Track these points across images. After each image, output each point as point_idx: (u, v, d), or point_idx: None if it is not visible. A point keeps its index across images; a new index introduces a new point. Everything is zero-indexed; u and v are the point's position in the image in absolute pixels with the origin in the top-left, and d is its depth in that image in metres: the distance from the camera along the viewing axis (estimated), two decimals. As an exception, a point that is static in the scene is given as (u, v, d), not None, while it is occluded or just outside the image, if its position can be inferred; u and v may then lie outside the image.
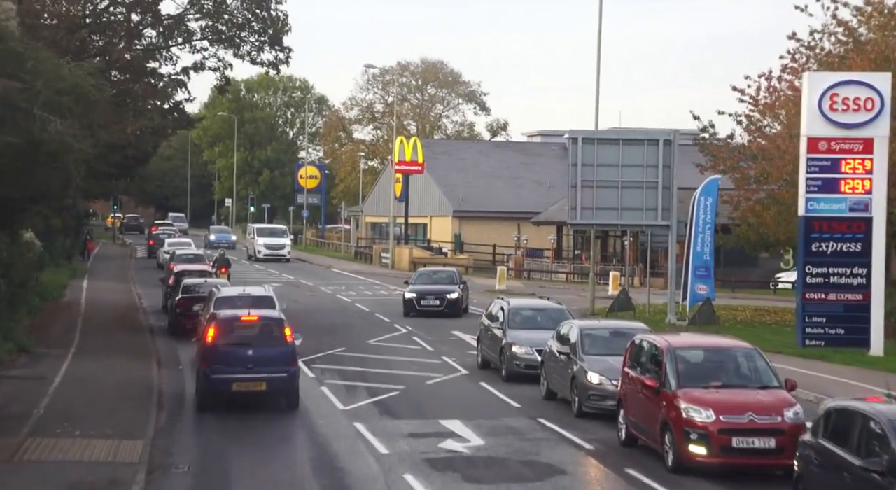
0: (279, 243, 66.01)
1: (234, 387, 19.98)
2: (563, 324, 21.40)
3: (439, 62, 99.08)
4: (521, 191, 71.92)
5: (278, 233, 68.81)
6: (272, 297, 26.49)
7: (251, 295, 25.72)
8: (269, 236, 66.88)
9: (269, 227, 71.38)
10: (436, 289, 35.98)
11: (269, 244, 65.59)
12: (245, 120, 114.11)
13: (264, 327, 20.87)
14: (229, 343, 20.40)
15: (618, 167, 33.85)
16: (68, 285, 44.03)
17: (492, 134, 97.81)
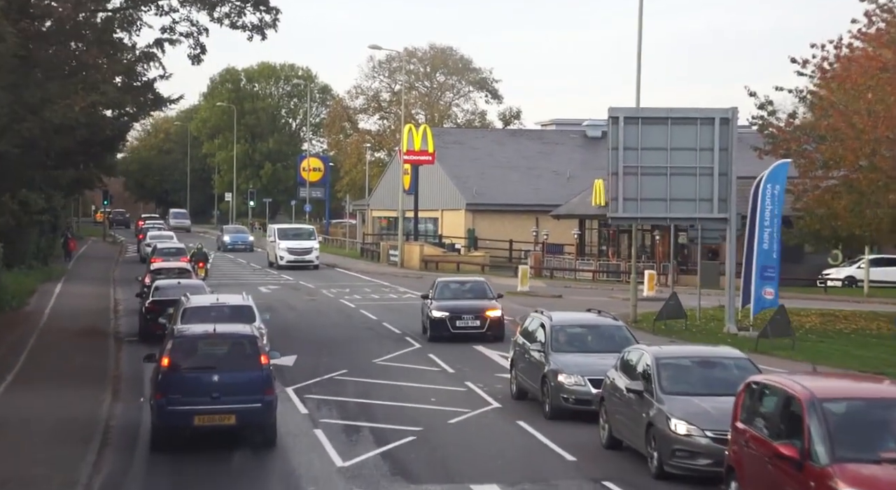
0: (305, 247, 55.07)
1: (196, 421, 16.37)
2: (631, 350, 16.35)
3: (448, 48, 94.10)
4: (539, 182, 66.99)
5: (304, 234, 56.73)
6: (251, 306, 22.73)
7: (227, 304, 22.55)
8: (294, 239, 55.53)
9: (292, 228, 58.90)
10: (472, 305, 28.10)
11: (293, 248, 54.60)
12: (245, 111, 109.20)
13: (234, 347, 17.19)
14: (190, 367, 16.80)
15: (666, 151, 28.85)
16: (37, 290, 39.18)
17: (504, 123, 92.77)
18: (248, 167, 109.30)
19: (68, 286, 42.28)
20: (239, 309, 21.93)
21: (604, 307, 38.98)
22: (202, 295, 24.09)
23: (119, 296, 40.42)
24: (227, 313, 21.49)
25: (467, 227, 64.47)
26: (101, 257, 60.45)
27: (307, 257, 54.70)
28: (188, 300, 22.48)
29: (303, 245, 55.14)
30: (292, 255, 54.31)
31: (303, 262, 54.23)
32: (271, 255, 56.06)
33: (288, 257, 54.23)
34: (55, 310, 33.91)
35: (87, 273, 49.38)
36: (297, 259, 54.25)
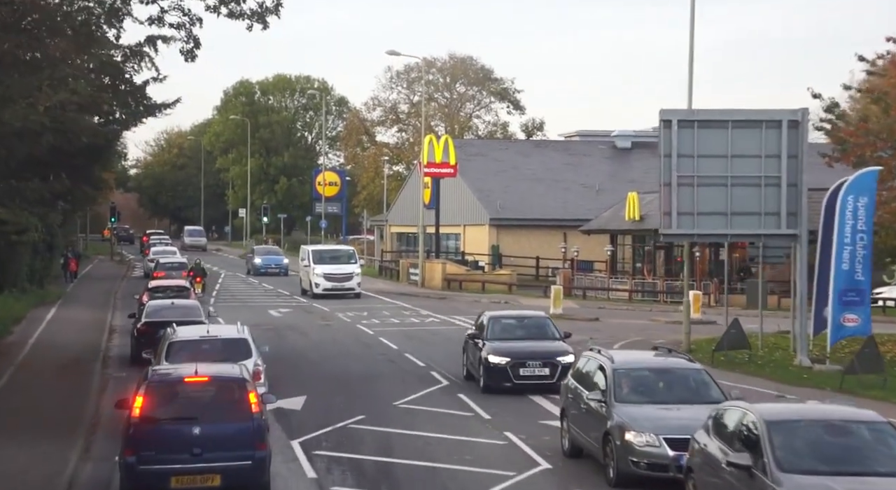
0: (345, 272, 46.52)
1: (174, 482, 13.93)
2: (727, 409, 12.69)
3: (468, 57, 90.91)
4: (567, 195, 63.55)
5: (343, 257, 47.99)
6: (247, 340, 19.56)
7: (218, 337, 19.58)
8: (331, 262, 47.18)
9: (329, 250, 50.04)
10: (538, 348, 22.35)
11: (331, 274, 46.29)
12: (260, 124, 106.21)
13: (220, 392, 14.65)
14: (167, 417, 14.28)
15: (726, 159, 25.40)
16: (25, 317, 35.87)
17: (527, 135, 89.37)
18: (262, 182, 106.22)
19: (63, 311, 38.99)
20: (233, 343, 19.17)
21: (646, 332, 35.77)
22: (191, 326, 21.09)
23: (117, 321, 37.09)
24: (219, 348, 18.86)
25: (491, 243, 61.09)
26: (106, 277, 57.23)
27: (347, 284, 46.30)
28: (174, 333, 19.62)
29: (342, 270, 46.67)
30: (330, 281, 45.99)
31: (342, 291, 45.95)
32: (305, 281, 48.03)
33: (325, 284, 45.91)
34: (41, 340, 30.56)
35: (86, 295, 46.10)
36: (336, 287, 45.91)
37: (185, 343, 18.93)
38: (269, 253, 64.45)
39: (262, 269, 60.74)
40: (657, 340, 31.56)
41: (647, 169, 66.31)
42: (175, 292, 32.21)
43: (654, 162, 67.18)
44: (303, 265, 48.97)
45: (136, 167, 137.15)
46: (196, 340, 19.14)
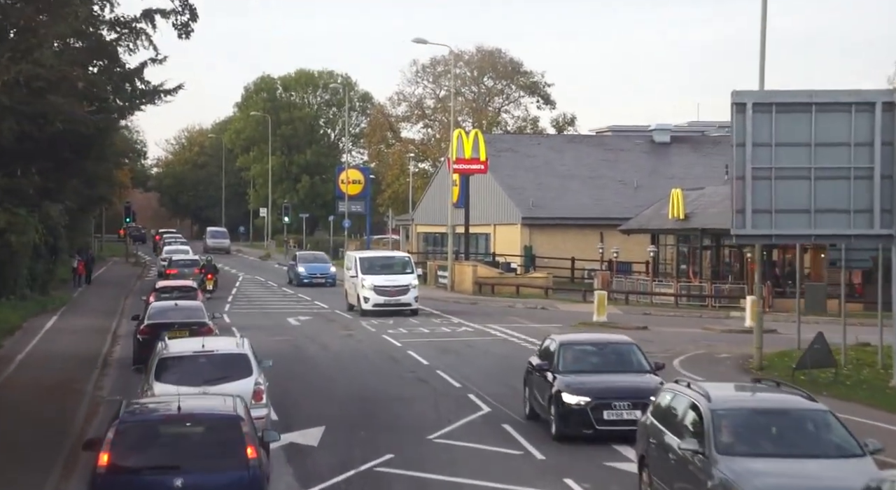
0: (400, 284, 38.99)
1: None
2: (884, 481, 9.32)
3: (497, 50, 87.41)
4: (603, 193, 60.18)
5: (396, 266, 40.29)
6: (246, 355, 16.94)
7: (215, 352, 17.02)
8: (383, 272, 39.41)
9: (380, 258, 41.71)
10: (626, 385, 17.55)
11: (383, 286, 38.78)
12: (281, 121, 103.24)
13: (209, 435, 12.10)
14: (141, 466, 11.81)
15: (809, 147, 21.98)
16: (21, 327, 32.83)
17: (558, 130, 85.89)
18: (284, 181, 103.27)
19: (64, 320, 35.93)
20: (230, 359, 16.76)
21: (704, 343, 32.28)
22: (184, 340, 18.73)
23: (122, 331, 34.03)
24: (215, 364, 16.59)
25: (523, 243, 57.78)
26: (118, 280, 54.23)
27: (403, 298, 38.74)
28: (165, 347, 17.13)
29: (396, 281, 38.92)
30: (382, 295, 38.59)
31: (397, 306, 38.57)
32: (351, 294, 40.44)
33: (376, 299, 38.53)
34: (32, 355, 27.47)
35: (93, 301, 43.06)
36: (390, 301, 38.59)
37: (177, 359, 16.60)
38: (315, 260, 55.81)
39: (305, 279, 52.67)
40: (721, 354, 28.20)
41: (687, 164, 62.91)
42: (182, 293, 31.49)
43: (694, 157, 64.66)
44: (349, 275, 40.68)
45: (157, 166, 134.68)
46: (189, 356, 16.73)
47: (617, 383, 17.49)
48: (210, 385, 15.55)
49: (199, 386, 15.48)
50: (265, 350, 28.16)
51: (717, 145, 64.64)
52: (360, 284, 38.96)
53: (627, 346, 18.88)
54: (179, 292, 31.69)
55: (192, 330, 24.06)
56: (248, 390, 15.61)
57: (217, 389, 15.31)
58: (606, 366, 18.20)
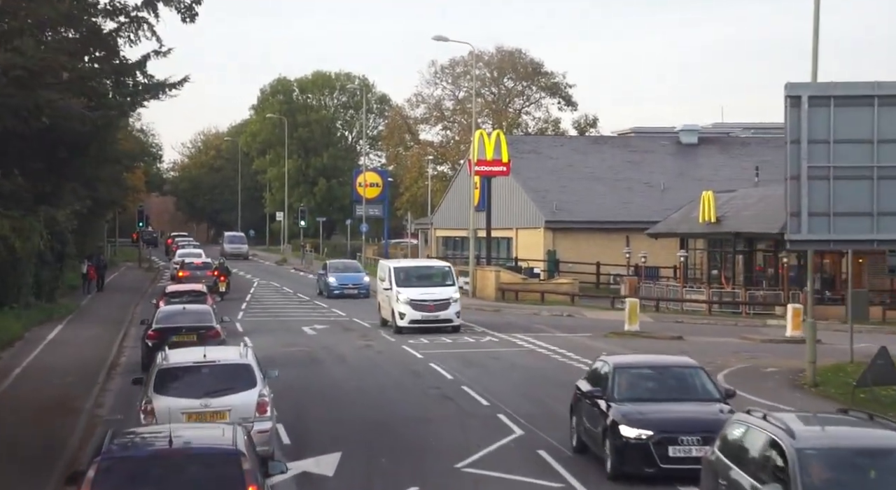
0: (440, 297, 34.22)
1: None
2: None
3: (517, 51, 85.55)
4: (629, 195, 58.33)
5: (435, 276, 35.62)
6: (250, 365, 16.12)
7: (217, 363, 16.20)
8: (420, 284, 34.69)
9: (416, 267, 37.11)
10: (693, 415, 15.09)
11: (420, 300, 33.98)
12: (298, 123, 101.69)
13: (204, 472, 10.50)
14: None
15: (871, 145, 20.11)
16: (23, 337, 31.20)
17: (580, 132, 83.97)
18: (300, 184, 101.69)
19: (69, 330, 34.29)
20: (233, 370, 16.00)
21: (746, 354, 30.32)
22: (185, 350, 17.69)
23: (129, 342, 32.40)
24: (217, 375, 15.87)
25: (547, 248, 55.96)
26: (129, 287, 52.62)
27: (443, 314, 33.99)
28: (165, 358, 16.33)
29: (435, 295, 34.18)
30: (420, 310, 33.86)
31: (437, 323, 33.88)
32: (385, 309, 35.75)
33: (412, 314, 33.86)
34: (30, 369, 25.80)
35: (101, 309, 41.44)
36: (429, 317, 33.84)
37: (178, 370, 15.83)
38: (346, 269, 50.29)
39: (336, 290, 47.52)
40: (767, 367, 26.30)
41: (716, 166, 61.00)
42: (192, 297, 31.56)
43: (723, 159, 62.65)
44: (382, 287, 35.94)
45: (173, 170, 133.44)
46: (190, 367, 15.96)
47: (683, 414, 14.99)
48: (212, 397, 15.10)
49: (201, 398, 15.06)
50: (278, 362, 26.49)
51: (745, 146, 62.73)
52: (394, 298, 34.25)
53: (692, 370, 16.24)
54: (189, 296, 31.60)
55: (200, 334, 24.16)
56: (251, 402, 15.19)
57: (219, 401, 14.97)
58: (669, 393, 15.65)
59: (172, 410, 14.78)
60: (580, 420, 16.57)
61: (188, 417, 14.84)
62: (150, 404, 15.05)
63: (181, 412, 14.87)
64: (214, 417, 14.92)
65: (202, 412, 14.98)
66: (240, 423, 11.82)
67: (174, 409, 14.87)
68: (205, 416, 14.93)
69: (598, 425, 15.55)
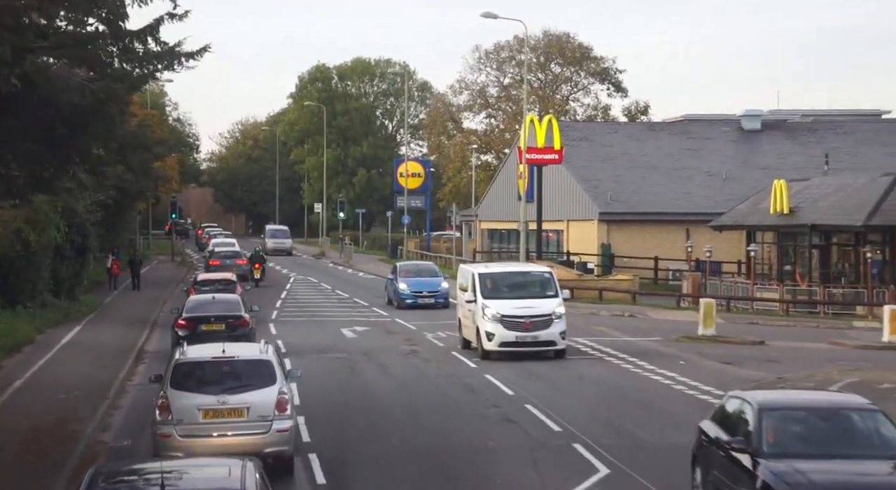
0: (540, 312, 26.29)
1: None
2: None
3: (564, 35, 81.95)
4: (688, 185, 54.74)
5: (533, 286, 27.43)
6: (270, 362, 15.37)
7: (236, 359, 15.43)
8: (513, 295, 26.85)
9: (508, 273, 28.54)
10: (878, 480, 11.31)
11: (513, 316, 26.15)
12: (337, 112, 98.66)
13: None
14: None
15: None
16: (34, 341, 28.24)
17: (630, 120, 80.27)
18: (339, 174, 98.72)
19: (86, 332, 31.32)
20: (252, 365, 15.29)
21: (839, 362, 26.23)
22: (203, 346, 17.03)
23: (152, 344, 29.44)
24: (236, 371, 15.19)
25: (600, 241, 52.45)
26: (159, 282, 49.70)
27: (543, 334, 26.05)
28: (183, 352, 15.78)
29: (532, 308, 26.16)
30: (513, 329, 25.98)
31: (535, 346, 26.08)
32: (468, 326, 27.48)
33: (503, 334, 25.93)
34: (33, 381, 22.79)
35: (125, 307, 38.49)
36: (524, 338, 25.97)
37: (195, 365, 15.23)
38: (420, 273, 41.08)
39: (409, 300, 38.69)
40: (882, 383, 22.69)
41: (781, 154, 57.22)
42: (222, 285, 32.43)
43: (789, 146, 58.60)
44: (464, 299, 27.66)
45: (210, 160, 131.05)
46: (208, 362, 15.30)
47: (864, 478, 11.18)
48: (230, 394, 14.66)
49: (218, 395, 14.65)
50: (313, 373, 23.47)
51: (813, 133, 58.85)
52: (479, 313, 26.19)
53: (867, 414, 12.19)
54: (220, 285, 32.57)
55: (229, 323, 25.04)
56: (270, 399, 14.67)
57: (237, 398, 14.59)
58: (838, 445, 11.70)
59: (189, 407, 14.50)
60: (709, 475, 12.86)
61: (204, 414, 14.46)
62: (165, 400, 14.65)
63: (197, 408, 14.51)
64: (232, 414, 14.50)
65: (219, 409, 14.52)
66: (251, 459, 9.74)
67: (190, 405, 14.53)
68: (222, 413, 14.50)
69: (739, 485, 11.88)
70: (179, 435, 14.33)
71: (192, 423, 14.41)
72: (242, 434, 14.38)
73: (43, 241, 32.41)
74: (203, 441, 14.26)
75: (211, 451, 13.82)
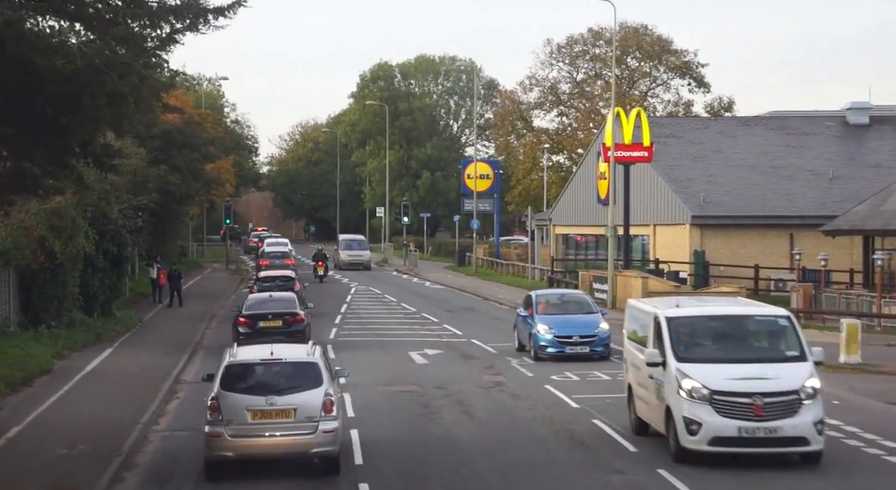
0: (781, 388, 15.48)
1: None
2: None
3: (642, 27, 76.76)
4: (790, 185, 49.51)
5: (759, 338, 16.82)
6: (317, 364, 15.36)
7: (283, 360, 15.46)
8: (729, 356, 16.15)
9: (718, 318, 17.04)
10: None
11: (736, 395, 15.44)
12: (400, 111, 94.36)
13: None
14: None
15: None
16: (51, 371, 23.99)
17: (714, 117, 74.82)
18: (402, 177, 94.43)
19: (116, 357, 27.04)
20: (300, 367, 15.39)
21: None
22: (252, 347, 17.30)
23: (190, 373, 25.11)
24: (284, 373, 15.28)
25: (693, 247, 47.35)
26: (207, 294, 45.48)
27: (787, 426, 15.45)
28: (233, 353, 16.03)
29: (767, 379, 15.63)
30: (733, 415, 15.46)
31: (774, 445, 15.53)
32: (650, 401, 17.13)
33: (718, 425, 15.50)
34: (30, 429, 18.38)
35: (166, 326, 34.17)
36: (755, 431, 15.38)
37: (244, 367, 15.49)
38: (567, 307, 28.35)
39: (554, 348, 26.67)
40: None
41: (894, 150, 51.69)
42: (282, 282, 35.10)
43: (904, 141, 53.23)
44: (643, 359, 17.15)
45: (270, 164, 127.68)
46: (257, 364, 15.60)
47: None
48: (278, 395, 15.05)
49: (267, 395, 15.02)
50: (379, 413, 19.12)
51: (928, 127, 53.18)
52: (672, 384, 16.08)
53: None
54: (280, 281, 35.14)
55: (285, 319, 27.19)
56: (317, 401, 15.04)
57: (285, 399, 14.98)
58: None
59: (238, 407, 14.87)
60: None
61: (253, 415, 14.86)
62: (216, 401, 14.98)
63: (246, 409, 14.88)
64: (280, 415, 14.91)
65: (268, 410, 14.91)
66: None
67: (240, 406, 14.89)
68: (270, 414, 14.90)
69: None
70: (229, 435, 14.77)
71: (242, 424, 14.79)
72: (290, 434, 14.83)
73: (70, 250, 28.27)
74: (252, 441, 14.79)
75: (260, 452, 14.80)
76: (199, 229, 73.95)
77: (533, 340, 27.07)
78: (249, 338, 25.56)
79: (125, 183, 33.19)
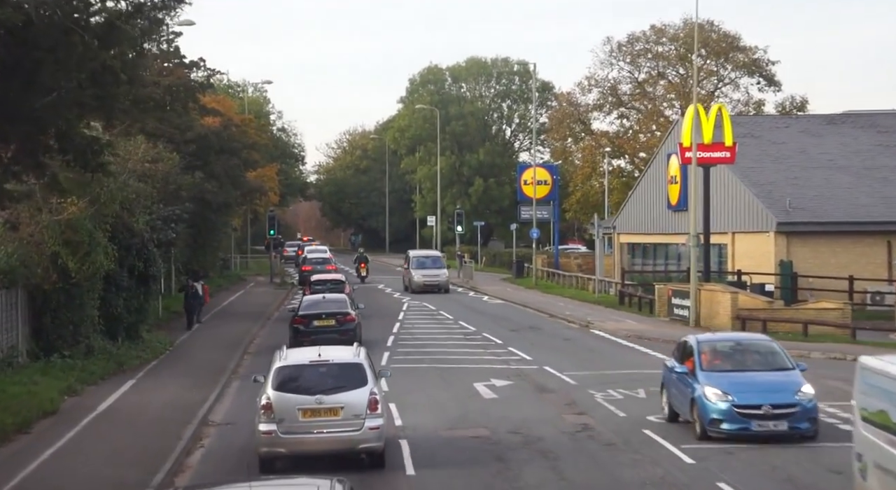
0: None
1: None
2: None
3: (708, 23, 72.35)
4: (887, 188, 45.14)
5: None
6: (362, 364, 16.33)
7: (330, 362, 16.44)
8: None
9: None
10: None
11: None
12: (451, 116, 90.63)
13: None
14: None
15: None
16: (58, 410, 20.36)
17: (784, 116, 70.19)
18: (454, 184, 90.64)
19: (138, 390, 23.39)
20: (346, 368, 16.29)
21: None
22: (301, 350, 18.20)
23: (219, 412, 21.43)
24: (331, 374, 16.19)
25: (779, 257, 43.00)
26: (247, 312, 41.81)
27: None
28: (283, 356, 16.83)
29: None
30: None
31: None
32: None
33: None
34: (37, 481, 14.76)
35: (200, 351, 30.45)
36: None
37: (294, 368, 16.31)
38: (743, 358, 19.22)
39: (734, 424, 17.80)
40: None
41: None
42: (333, 285, 38.46)
43: None
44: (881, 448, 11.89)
45: (317, 173, 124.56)
46: (306, 365, 16.38)
47: None
48: (326, 394, 15.78)
49: (315, 395, 15.75)
50: (445, 465, 15.35)
51: None
52: None
53: None
54: (331, 284, 38.52)
55: (338, 318, 29.45)
56: (363, 399, 15.74)
57: (333, 399, 15.73)
58: None
59: (289, 406, 15.66)
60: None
61: (303, 413, 15.63)
62: (268, 400, 15.70)
63: (297, 408, 15.68)
64: (328, 413, 15.65)
65: (317, 408, 15.66)
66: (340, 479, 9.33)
67: (291, 405, 15.67)
68: (319, 412, 15.62)
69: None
70: (281, 432, 15.58)
71: (293, 422, 15.60)
72: (338, 431, 15.63)
73: (87, 268, 24.73)
74: (302, 437, 15.61)
75: (310, 448, 15.62)
76: (242, 240, 70.66)
77: (698, 410, 18.23)
78: (306, 336, 28.09)
79: (154, 191, 29.61)
